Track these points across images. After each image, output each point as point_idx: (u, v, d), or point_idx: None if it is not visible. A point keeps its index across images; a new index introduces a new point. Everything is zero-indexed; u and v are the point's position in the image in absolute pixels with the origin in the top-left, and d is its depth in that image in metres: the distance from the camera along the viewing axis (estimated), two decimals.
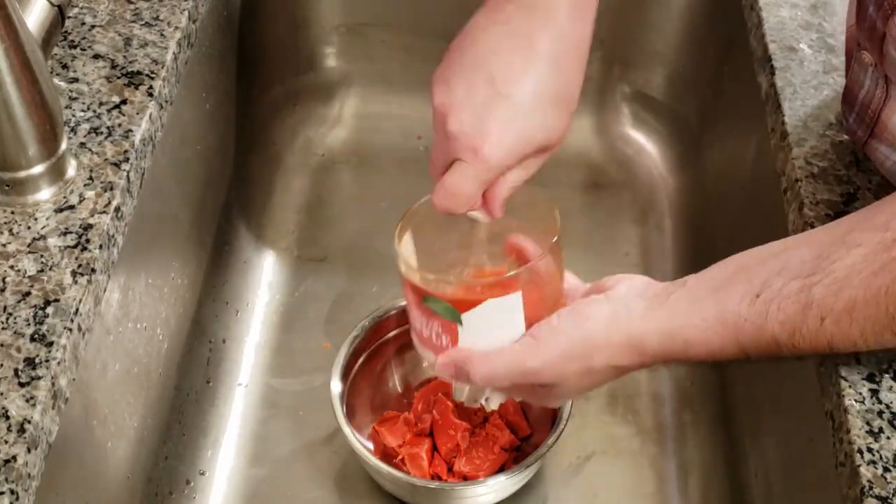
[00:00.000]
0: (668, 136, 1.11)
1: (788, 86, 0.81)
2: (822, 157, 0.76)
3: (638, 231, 1.07)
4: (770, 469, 0.79)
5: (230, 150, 1.02)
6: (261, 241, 1.04)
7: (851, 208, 0.72)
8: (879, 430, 0.61)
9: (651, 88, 1.11)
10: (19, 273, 0.65)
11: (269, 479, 0.89)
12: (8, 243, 0.67)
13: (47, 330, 0.62)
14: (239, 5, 1.01)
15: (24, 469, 0.57)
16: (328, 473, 0.89)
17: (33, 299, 0.64)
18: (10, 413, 0.58)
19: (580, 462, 0.90)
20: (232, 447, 0.90)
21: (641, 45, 1.09)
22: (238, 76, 1.02)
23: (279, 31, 1.10)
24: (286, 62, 1.12)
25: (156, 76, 0.78)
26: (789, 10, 0.88)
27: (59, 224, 0.68)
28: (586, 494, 0.88)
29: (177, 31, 0.82)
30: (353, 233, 1.07)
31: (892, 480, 0.59)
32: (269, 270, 1.03)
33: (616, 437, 0.92)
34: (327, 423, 0.88)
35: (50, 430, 0.60)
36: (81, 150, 0.72)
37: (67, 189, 0.70)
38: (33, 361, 0.61)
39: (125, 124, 0.75)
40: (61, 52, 0.79)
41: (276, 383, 0.95)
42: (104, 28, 0.82)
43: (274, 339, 0.98)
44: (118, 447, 0.75)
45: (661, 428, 0.92)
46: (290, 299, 1.01)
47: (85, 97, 0.76)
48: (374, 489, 0.88)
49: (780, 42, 0.85)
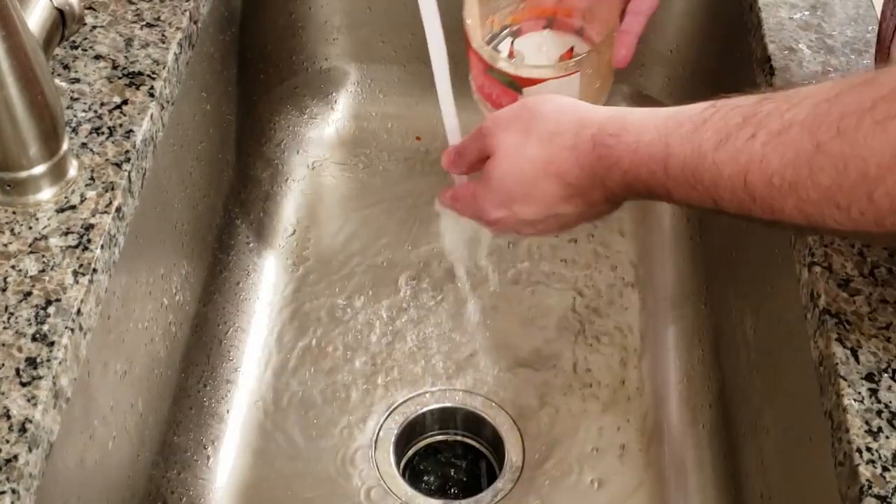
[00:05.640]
0: None
1: (788, 86, 0.81)
2: None
3: (638, 231, 1.07)
4: (769, 468, 0.79)
5: (230, 150, 1.02)
6: (261, 240, 1.04)
7: None
8: (878, 430, 0.61)
9: (651, 88, 1.11)
10: (21, 273, 0.65)
11: (269, 479, 0.89)
12: (9, 243, 0.67)
13: (49, 330, 0.62)
14: (239, 5, 1.01)
15: (26, 468, 0.57)
16: (329, 473, 0.89)
17: (35, 299, 0.64)
18: (12, 412, 0.58)
19: (578, 462, 0.90)
20: (232, 447, 0.91)
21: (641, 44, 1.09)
22: (238, 76, 1.02)
23: (279, 31, 1.10)
24: (286, 62, 1.12)
25: (157, 76, 0.78)
26: (788, 10, 0.88)
27: (61, 224, 0.68)
28: (585, 494, 0.89)
29: (178, 32, 0.82)
30: (352, 232, 1.07)
31: (891, 480, 0.59)
32: (269, 270, 1.03)
33: (615, 437, 0.92)
34: (328, 423, 0.89)
35: (51, 429, 0.60)
36: (83, 151, 0.73)
37: (69, 189, 0.70)
38: (34, 361, 0.61)
39: (126, 124, 0.75)
40: (63, 53, 0.79)
41: (277, 383, 0.95)
42: (105, 28, 0.82)
43: (274, 338, 0.98)
44: (119, 447, 0.75)
45: (660, 427, 0.92)
46: (290, 299, 1.01)
47: (86, 97, 0.76)
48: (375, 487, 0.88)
49: (780, 42, 0.85)
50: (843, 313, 0.66)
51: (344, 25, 1.12)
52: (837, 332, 0.65)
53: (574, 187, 0.63)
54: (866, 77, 0.51)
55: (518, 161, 0.65)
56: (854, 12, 0.87)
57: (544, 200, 0.65)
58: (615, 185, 0.62)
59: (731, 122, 0.55)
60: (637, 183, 0.60)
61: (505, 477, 0.90)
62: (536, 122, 0.64)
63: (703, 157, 0.56)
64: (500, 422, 0.93)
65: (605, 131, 0.61)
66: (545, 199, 0.65)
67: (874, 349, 0.64)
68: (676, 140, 0.57)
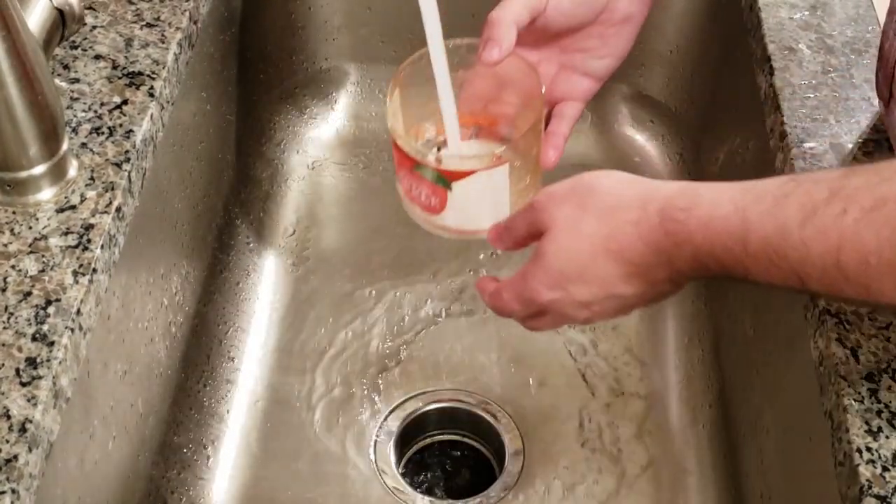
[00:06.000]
0: (668, 136, 1.11)
1: (787, 86, 0.82)
2: (821, 157, 0.76)
3: None
4: (769, 468, 0.79)
5: (230, 150, 1.02)
6: (261, 240, 1.04)
7: None
8: (878, 430, 0.61)
9: (651, 88, 1.11)
10: (21, 273, 0.65)
11: (269, 479, 0.89)
12: (9, 243, 0.67)
13: (48, 329, 0.62)
14: (239, 5, 1.01)
15: (26, 468, 0.57)
16: (329, 473, 0.89)
17: (34, 299, 0.64)
18: (12, 412, 0.59)
19: (578, 462, 0.90)
20: (233, 447, 0.91)
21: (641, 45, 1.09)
22: (238, 76, 1.02)
23: (279, 31, 1.10)
24: (286, 62, 1.12)
25: (157, 76, 0.78)
26: (788, 10, 0.88)
27: (61, 224, 0.68)
28: (585, 494, 0.89)
29: (178, 32, 0.82)
30: (352, 233, 1.07)
31: (891, 480, 0.59)
32: (269, 270, 1.03)
33: (615, 437, 0.92)
34: (328, 423, 0.89)
35: (51, 429, 0.60)
36: (83, 151, 0.73)
37: (69, 189, 0.70)
38: (34, 361, 0.61)
39: (126, 124, 0.75)
40: (62, 53, 0.79)
41: (277, 383, 0.95)
42: (105, 28, 0.82)
43: (274, 338, 0.98)
44: (119, 447, 0.75)
45: (659, 428, 0.93)
46: (290, 299, 1.01)
47: (86, 97, 0.76)
48: (374, 487, 0.88)
49: (779, 42, 0.85)
50: (843, 313, 0.66)
51: (344, 25, 1.12)
52: (837, 332, 0.65)
53: (636, 265, 0.59)
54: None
55: (575, 237, 0.60)
56: (854, 12, 0.87)
57: (602, 280, 0.60)
58: (683, 263, 0.57)
59: (816, 196, 0.51)
60: (710, 260, 0.56)
61: (505, 477, 0.90)
62: (594, 195, 0.60)
63: (788, 234, 0.52)
64: (500, 421, 0.93)
65: (674, 205, 0.57)
66: (603, 279, 0.60)
67: (874, 349, 0.64)
68: (756, 215, 0.53)
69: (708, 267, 0.56)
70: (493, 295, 0.67)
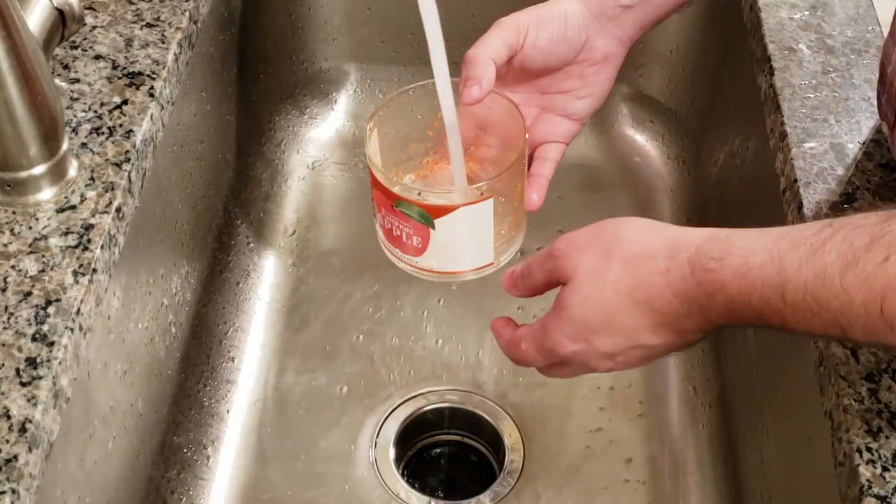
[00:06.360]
0: (668, 136, 1.11)
1: (787, 86, 0.82)
2: (821, 157, 0.76)
3: None
4: (769, 468, 0.79)
5: (230, 150, 1.02)
6: (261, 240, 1.04)
7: (850, 209, 0.72)
8: (878, 430, 0.61)
9: (651, 88, 1.11)
10: (21, 273, 0.65)
11: (269, 479, 0.89)
12: (9, 243, 0.67)
13: (49, 330, 0.62)
14: (239, 6, 1.01)
15: (26, 468, 0.57)
16: (329, 473, 0.90)
17: (34, 299, 0.64)
18: (12, 413, 0.59)
19: (578, 462, 0.90)
20: (233, 447, 0.91)
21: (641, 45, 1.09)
22: (238, 76, 1.02)
23: (279, 32, 1.10)
24: (286, 62, 1.12)
25: (157, 77, 0.78)
26: (788, 10, 0.88)
27: (61, 224, 0.68)
28: (585, 494, 0.89)
29: (178, 32, 0.82)
30: (352, 232, 1.07)
31: (891, 480, 0.59)
32: (269, 270, 1.03)
33: (614, 438, 0.92)
34: (328, 423, 0.89)
35: (51, 429, 0.60)
36: (83, 151, 0.73)
37: (69, 189, 0.70)
38: (34, 361, 0.61)
39: (126, 124, 0.75)
40: (62, 53, 0.79)
41: (277, 383, 0.95)
42: (105, 28, 0.82)
43: (274, 338, 0.98)
44: (119, 447, 0.75)
45: (659, 428, 0.93)
46: (290, 299, 1.01)
47: (86, 97, 0.76)
48: (374, 487, 0.88)
49: (779, 43, 0.85)
50: None
51: (344, 25, 1.12)
52: None
53: (664, 315, 0.57)
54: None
55: (600, 287, 0.58)
56: (854, 12, 0.87)
57: (629, 330, 0.58)
58: (716, 313, 0.56)
59: (856, 243, 0.50)
60: (746, 310, 0.54)
61: (505, 477, 0.90)
62: (619, 243, 0.58)
63: (828, 283, 0.50)
64: (501, 422, 0.93)
65: (705, 254, 0.55)
66: (630, 329, 0.58)
67: (874, 349, 0.64)
68: (794, 263, 0.52)
69: (742, 316, 0.55)
70: (511, 343, 0.65)
